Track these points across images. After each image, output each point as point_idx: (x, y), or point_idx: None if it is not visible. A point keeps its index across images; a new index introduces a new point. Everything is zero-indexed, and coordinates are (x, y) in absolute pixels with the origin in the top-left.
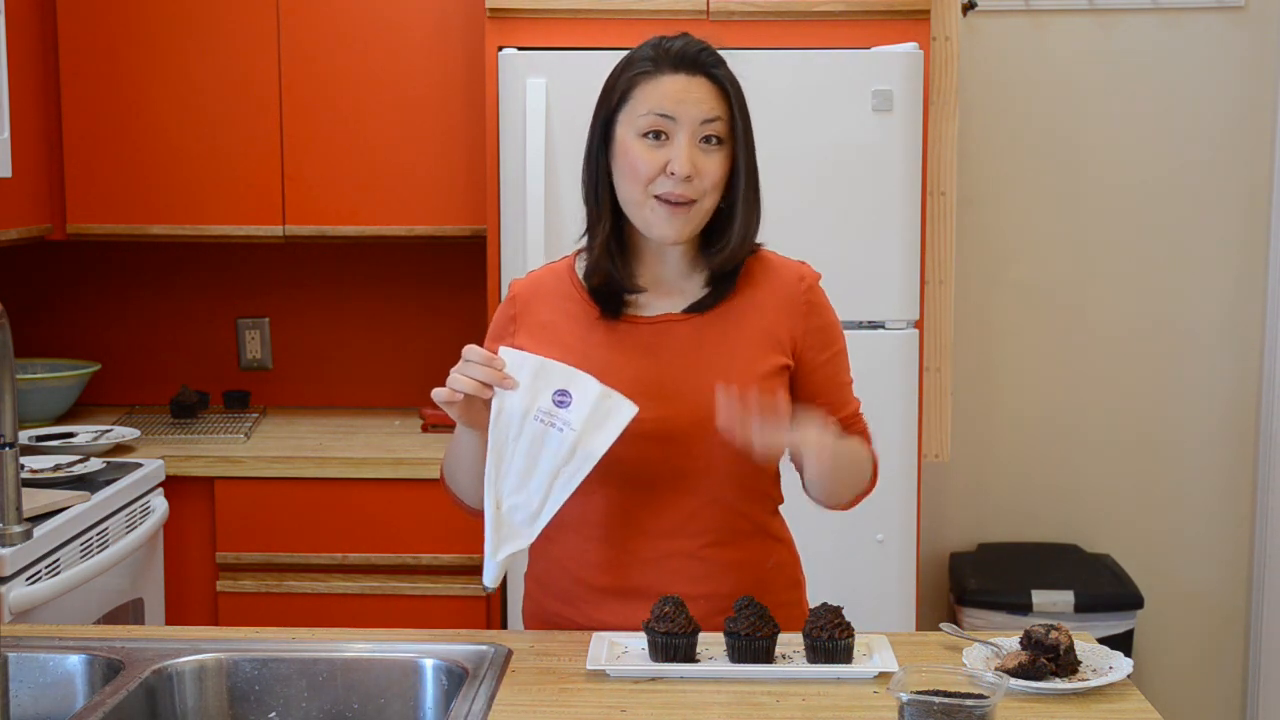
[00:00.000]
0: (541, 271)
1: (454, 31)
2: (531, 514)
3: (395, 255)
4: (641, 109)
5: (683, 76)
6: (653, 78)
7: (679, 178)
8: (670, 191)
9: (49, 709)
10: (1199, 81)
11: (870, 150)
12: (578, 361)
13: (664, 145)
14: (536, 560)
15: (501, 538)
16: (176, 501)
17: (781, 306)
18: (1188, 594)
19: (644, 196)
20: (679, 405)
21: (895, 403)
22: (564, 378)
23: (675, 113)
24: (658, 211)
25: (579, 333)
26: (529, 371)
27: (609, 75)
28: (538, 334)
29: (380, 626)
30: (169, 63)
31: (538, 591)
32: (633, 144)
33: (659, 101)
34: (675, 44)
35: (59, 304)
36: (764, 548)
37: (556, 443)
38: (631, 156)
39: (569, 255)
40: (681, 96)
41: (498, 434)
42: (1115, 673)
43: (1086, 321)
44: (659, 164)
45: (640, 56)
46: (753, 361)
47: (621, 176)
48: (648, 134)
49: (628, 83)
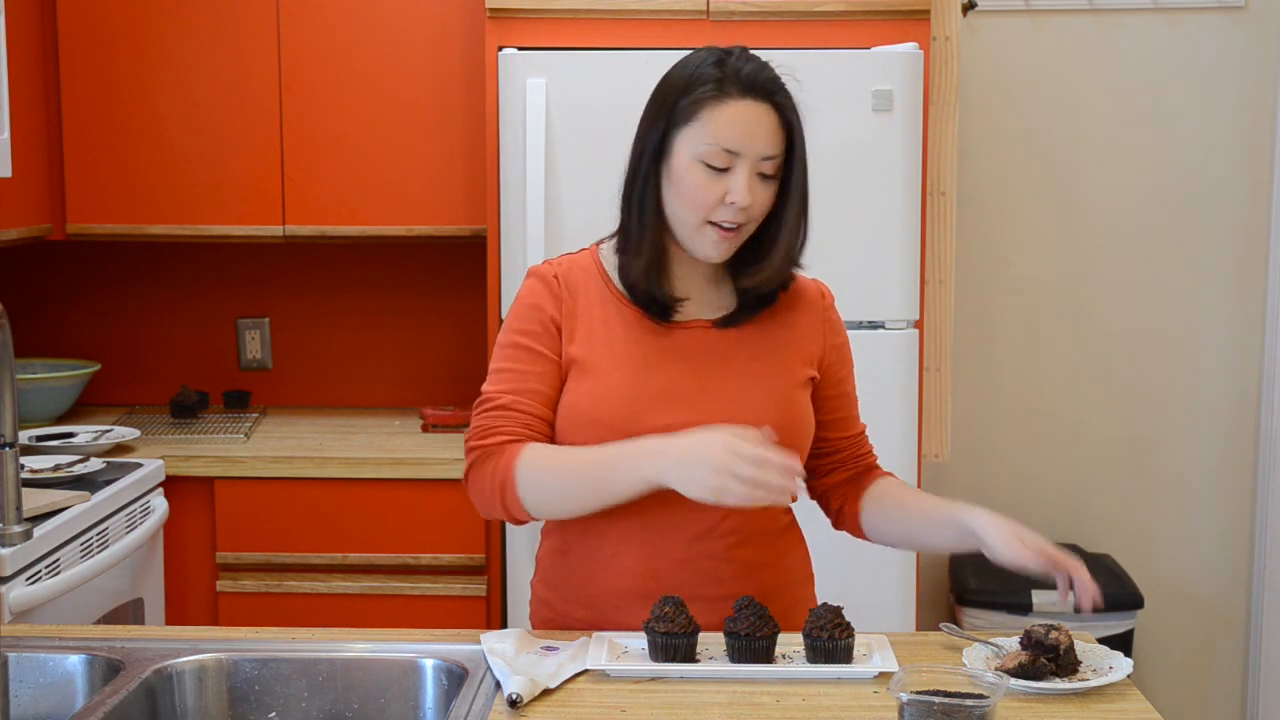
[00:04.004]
0: (564, 261)
1: (454, 31)
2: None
3: (395, 255)
4: (707, 136)
5: (749, 103)
6: (721, 102)
7: (737, 208)
8: (727, 219)
9: (49, 709)
10: (1199, 81)
11: (870, 150)
12: (628, 365)
13: (724, 176)
14: (552, 568)
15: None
16: (176, 501)
17: (808, 322)
18: (1188, 594)
19: (699, 222)
20: (715, 411)
21: (895, 403)
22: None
23: (740, 148)
24: (710, 236)
25: (625, 335)
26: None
27: (665, 82)
28: (589, 329)
29: (380, 626)
30: (169, 63)
31: (555, 599)
32: (693, 170)
33: (726, 133)
34: (743, 66)
35: (59, 304)
36: (786, 546)
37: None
38: (691, 184)
39: (587, 249)
40: (748, 129)
41: None
42: (1115, 673)
43: (1086, 321)
44: (719, 194)
45: (704, 75)
46: (787, 370)
47: (678, 198)
48: (709, 163)
49: (694, 103)
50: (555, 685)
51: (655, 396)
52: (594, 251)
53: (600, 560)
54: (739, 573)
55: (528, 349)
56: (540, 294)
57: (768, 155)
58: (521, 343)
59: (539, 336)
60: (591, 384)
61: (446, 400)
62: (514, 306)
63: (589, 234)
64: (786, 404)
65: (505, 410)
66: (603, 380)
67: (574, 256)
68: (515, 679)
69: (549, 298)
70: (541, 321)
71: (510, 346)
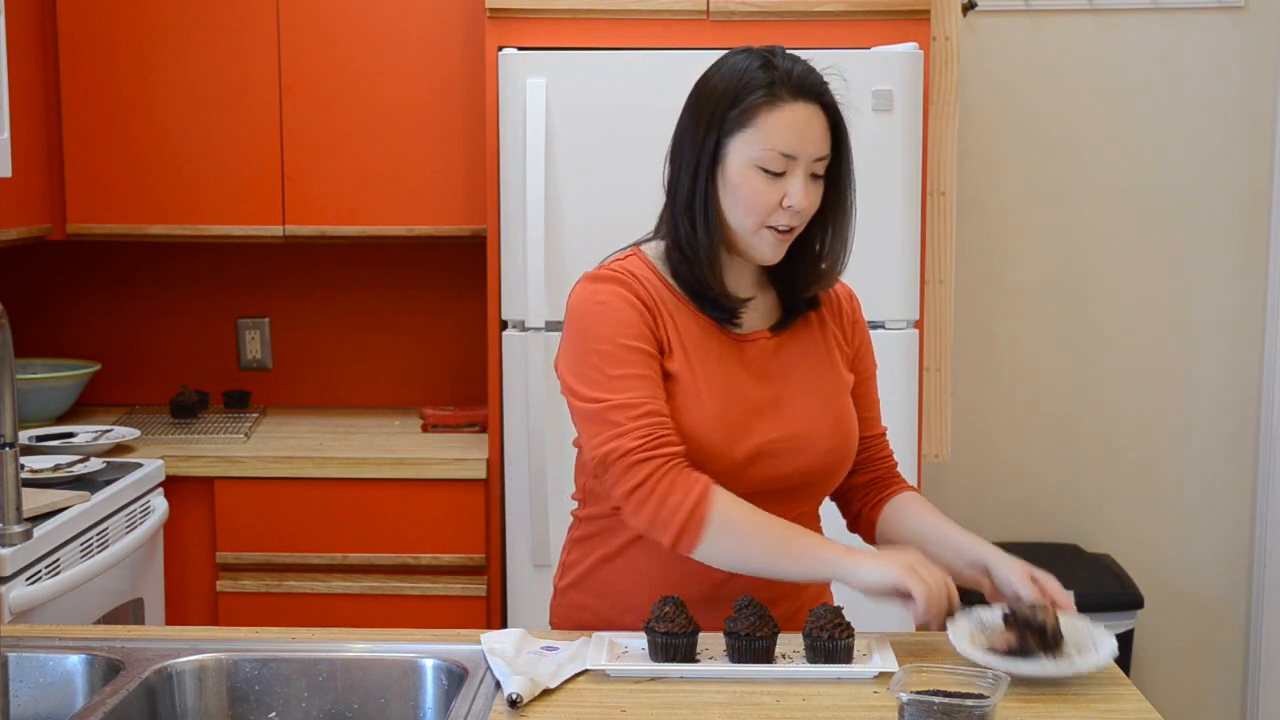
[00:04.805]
0: (623, 272)
1: (454, 31)
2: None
3: (395, 255)
4: (765, 141)
5: (803, 105)
6: (774, 107)
7: (794, 211)
8: (783, 223)
9: (49, 709)
10: (1199, 81)
11: (870, 150)
12: (717, 384)
13: (780, 180)
14: (600, 573)
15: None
16: (176, 501)
17: (839, 325)
18: (1188, 594)
19: (758, 226)
20: (791, 425)
21: (895, 403)
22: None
23: (796, 151)
24: (767, 239)
25: (706, 349)
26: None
27: (709, 88)
28: (680, 343)
29: (380, 626)
30: (169, 63)
31: (602, 606)
32: (750, 175)
33: (783, 137)
34: (793, 68)
35: (59, 304)
36: None
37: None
38: (749, 190)
39: (630, 255)
40: (803, 132)
41: None
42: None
43: (1087, 321)
44: (777, 198)
45: (755, 81)
46: (837, 377)
47: (736, 204)
48: (767, 168)
49: (750, 108)
50: (555, 685)
51: (743, 416)
52: (643, 259)
53: (660, 566)
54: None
55: (644, 352)
56: (632, 301)
57: (820, 156)
58: (636, 346)
59: (650, 340)
60: (688, 403)
61: (446, 400)
62: (598, 311)
63: (589, 234)
64: (844, 412)
65: (659, 417)
66: (697, 400)
67: (627, 263)
68: (515, 679)
69: (643, 307)
70: (647, 325)
71: (624, 350)
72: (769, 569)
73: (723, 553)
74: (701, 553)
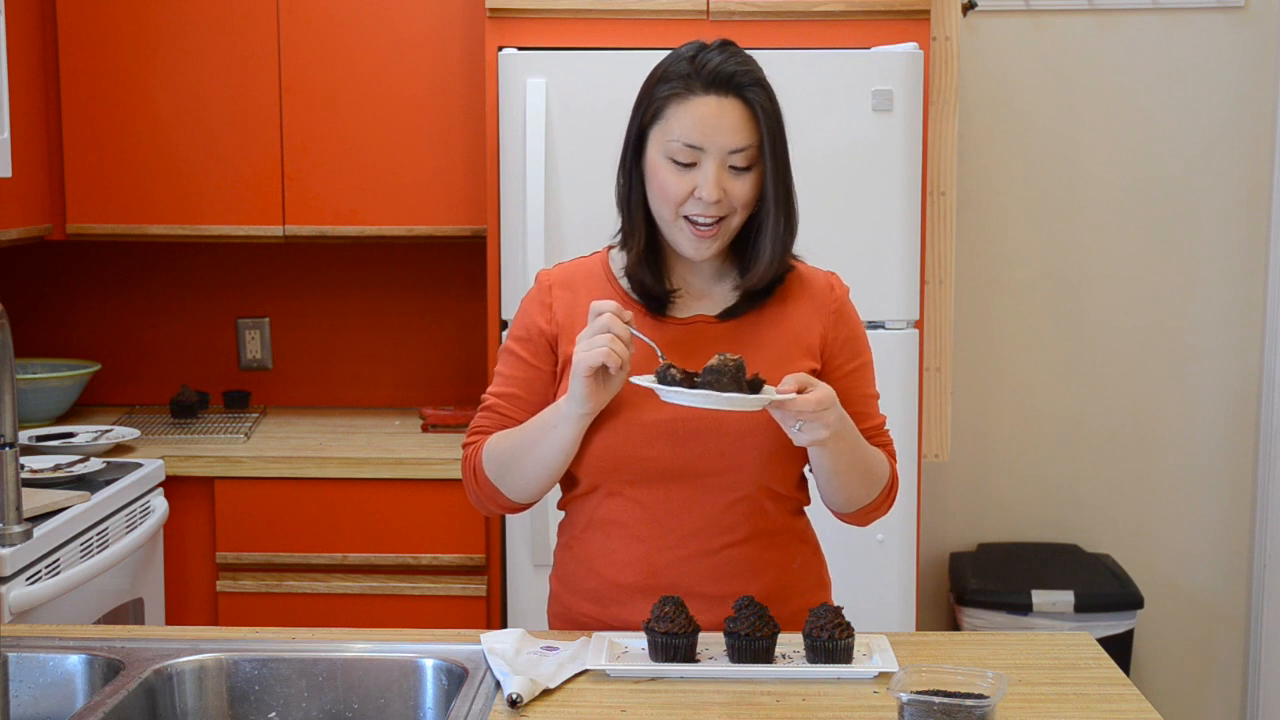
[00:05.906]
0: (571, 265)
1: (454, 31)
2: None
3: (395, 255)
4: (671, 133)
5: (714, 99)
6: (684, 99)
7: (705, 202)
8: (699, 214)
9: (49, 709)
10: (1199, 81)
11: (870, 150)
12: (637, 357)
13: (692, 171)
14: (562, 562)
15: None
16: (176, 501)
17: (811, 314)
18: (1188, 594)
19: (674, 216)
20: None
21: (895, 403)
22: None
23: (703, 143)
24: (685, 232)
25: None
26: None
27: (646, 79)
28: (579, 325)
29: (380, 626)
30: (169, 63)
31: (564, 593)
32: (661, 166)
33: (688, 129)
34: (712, 59)
35: (59, 304)
36: (790, 549)
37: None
38: (660, 179)
39: (600, 251)
40: (712, 125)
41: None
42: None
43: (1086, 321)
44: (687, 189)
45: (676, 71)
46: (784, 364)
47: (652, 194)
48: (675, 159)
49: (661, 100)
50: (555, 685)
51: (652, 391)
52: (604, 254)
53: (601, 555)
54: (737, 570)
55: (514, 355)
56: (531, 302)
57: (736, 148)
58: (510, 348)
59: (524, 343)
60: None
61: (446, 400)
62: (516, 312)
63: (589, 234)
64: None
65: (489, 412)
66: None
67: (584, 259)
68: (515, 679)
69: (537, 305)
70: (528, 328)
71: (503, 352)
72: (532, 459)
73: (500, 474)
74: (496, 478)
